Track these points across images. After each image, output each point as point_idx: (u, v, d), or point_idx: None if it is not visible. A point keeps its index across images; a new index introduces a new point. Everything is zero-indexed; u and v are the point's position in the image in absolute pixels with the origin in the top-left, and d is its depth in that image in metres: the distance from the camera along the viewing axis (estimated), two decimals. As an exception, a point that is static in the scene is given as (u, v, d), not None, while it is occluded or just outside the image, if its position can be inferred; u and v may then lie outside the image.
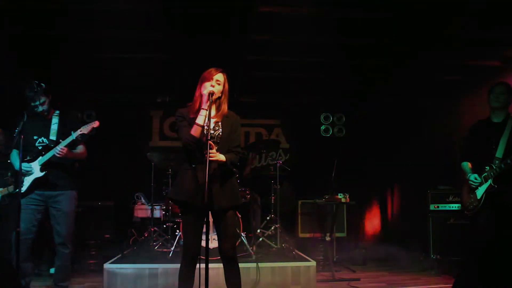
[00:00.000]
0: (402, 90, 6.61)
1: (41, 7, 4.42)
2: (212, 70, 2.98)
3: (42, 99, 3.72)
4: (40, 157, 3.69)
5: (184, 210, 3.01)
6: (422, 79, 6.15)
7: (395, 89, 6.69)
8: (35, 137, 3.76)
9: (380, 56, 5.74)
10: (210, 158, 2.73)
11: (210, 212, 3.00)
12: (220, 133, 2.96)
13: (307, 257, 4.86)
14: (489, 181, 3.55)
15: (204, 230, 2.81)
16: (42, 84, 3.54)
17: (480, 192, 3.60)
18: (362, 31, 4.99)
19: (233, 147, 3.00)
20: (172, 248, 4.93)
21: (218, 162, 2.85)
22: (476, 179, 3.63)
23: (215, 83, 2.93)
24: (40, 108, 3.70)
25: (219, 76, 2.97)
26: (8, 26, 4.79)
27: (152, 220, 5.69)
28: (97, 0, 4.34)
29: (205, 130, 2.82)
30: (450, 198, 5.67)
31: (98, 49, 5.49)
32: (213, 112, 2.95)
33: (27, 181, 3.66)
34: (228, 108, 3.06)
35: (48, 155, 3.67)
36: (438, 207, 5.70)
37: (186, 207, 2.96)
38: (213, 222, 3.07)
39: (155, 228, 5.66)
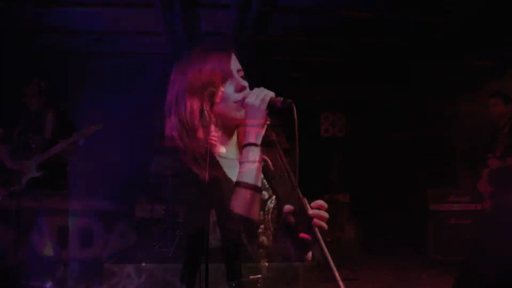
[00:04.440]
0: (402, 90, 6.61)
1: (41, 6, 4.42)
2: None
3: (36, 97, 3.67)
4: (36, 157, 3.64)
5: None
6: (422, 79, 6.15)
7: (395, 89, 6.69)
8: (30, 135, 3.71)
9: (380, 56, 5.74)
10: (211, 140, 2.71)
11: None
12: None
13: (307, 257, 4.85)
14: None
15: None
16: (41, 84, 3.53)
17: None
18: (363, 31, 4.99)
19: None
20: (172, 248, 4.92)
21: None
22: None
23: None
24: (34, 106, 3.66)
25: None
26: (9, 26, 4.79)
27: (152, 220, 5.68)
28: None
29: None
30: (450, 198, 5.66)
31: (98, 49, 5.49)
32: None
33: (23, 181, 3.62)
34: None
35: (46, 154, 3.63)
36: (438, 207, 5.68)
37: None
38: (216, 220, 3.06)
39: (155, 228, 5.65)
